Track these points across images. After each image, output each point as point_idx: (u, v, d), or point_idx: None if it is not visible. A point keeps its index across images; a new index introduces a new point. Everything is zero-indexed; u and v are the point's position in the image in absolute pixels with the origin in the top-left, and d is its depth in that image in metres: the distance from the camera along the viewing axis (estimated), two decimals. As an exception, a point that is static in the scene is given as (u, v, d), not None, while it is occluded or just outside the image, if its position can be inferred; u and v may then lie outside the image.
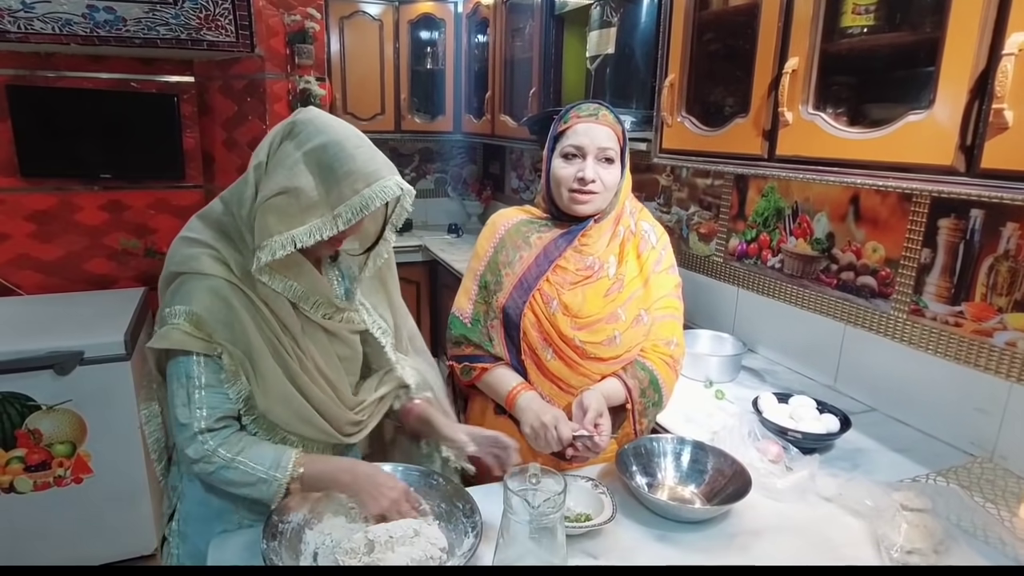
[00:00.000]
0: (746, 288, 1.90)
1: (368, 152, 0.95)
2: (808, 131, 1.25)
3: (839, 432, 1.32)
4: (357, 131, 0.98)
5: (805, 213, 1.70)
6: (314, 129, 0.95)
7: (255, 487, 0.95)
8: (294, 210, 0.92)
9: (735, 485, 1.10)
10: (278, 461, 0.96)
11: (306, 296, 1.02)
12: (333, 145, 0.93)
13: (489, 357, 1.23)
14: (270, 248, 0.91)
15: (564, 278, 1.19)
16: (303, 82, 2.43)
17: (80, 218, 2.60)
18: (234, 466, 0.95)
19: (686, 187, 2.12)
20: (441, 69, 3.24)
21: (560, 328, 1.17)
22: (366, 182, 0.93)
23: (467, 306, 1.26)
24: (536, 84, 2.33)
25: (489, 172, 3.85)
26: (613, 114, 1.19)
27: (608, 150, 1.16)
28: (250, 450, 0.97)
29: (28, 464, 1.99)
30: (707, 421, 1.44)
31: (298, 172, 0.92)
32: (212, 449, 0.95)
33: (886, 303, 1.50)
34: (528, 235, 1.23)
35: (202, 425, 0.95)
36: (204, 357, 0.96)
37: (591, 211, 1.18)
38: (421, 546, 0.92)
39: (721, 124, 1.48)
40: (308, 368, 1.02)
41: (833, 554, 1.01)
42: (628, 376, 1.20)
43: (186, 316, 0.95)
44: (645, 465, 1.19)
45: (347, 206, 0.93)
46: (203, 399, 0.96)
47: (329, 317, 1.06)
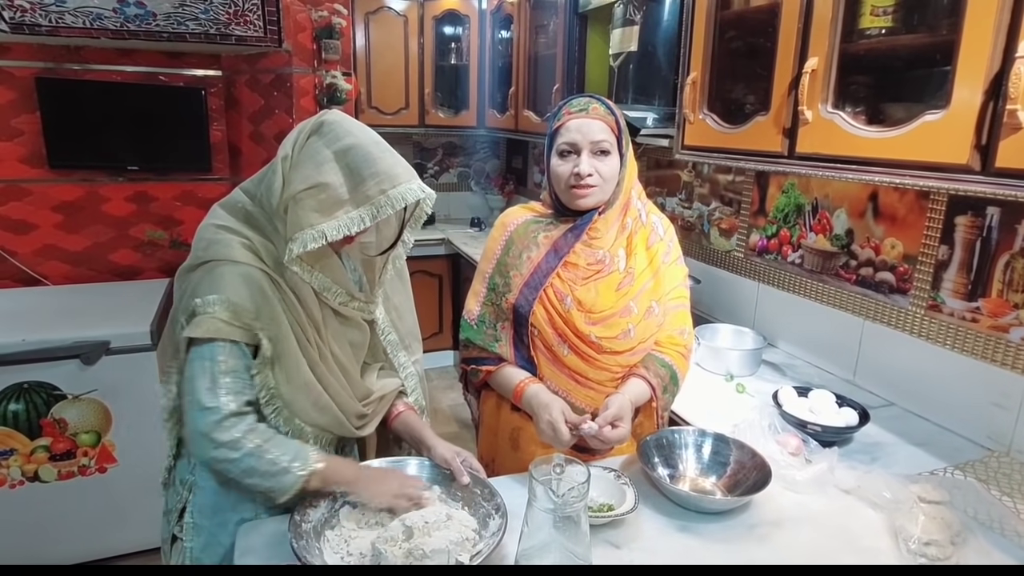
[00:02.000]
0: (766, 283, 1.95)
1: (392, 157, 1.03)
2: (827, 129, 1.30)
3: (858, 426, 1.36)
4: (380, 138, 1.05)
5: (825, 209, 1.75)
6: (342, 130, 1.01)
7: (275, 478, 0.96)
8: (324, 205, 0.97)
9: (755, 477, 1.13)
10: (300, 454, 0.99)
11: (329, 286, 1.08)
12: (361, 148, 0.99)
13: (493, 359, 1.26)
14: (302, 240, 0.96)
15: (576, 274, 1.22)
16: (329, 77, 2.49)
17: (107, 209, 2.67)
18: (259, 454, 0.96)
19: (707, 183, 2.18)
20: (465, 64, 3.31)
21: (575, 324, 1.20)
22: (392, 183, 1.00)
23: (475, 308, 1.29)
24: (559, 80, 2.39)
25: (512, 167, 3.90)
26: (605, 106, 1.21)
27: (602, 142, 1.18)
28: (276, 440, 0.99)
29: (53, 453, 2.03)
30: (728, 414, 1.48)
31: (327, 169, 0.98)
32: (243, 432, 0.96)
33: (904, 299, 1.55)
34: (535, 234, 1.26)
35: (232, 408, 0.96)
36: (230, 343, 0.98)
37: (593, 203, 1.21)
38: (456, 528, 0.96)
39: (742, 121, 1.54)
40: (327, 357, 1.08)
41: (851, 545, 1.04)
42: (651, 375, 1.23)
43: (222, 304, 0.97)
44: (667, 456, 1.22)
45: (373, 204, 0.99)
46: (229, 384, 0.97)
47: (344, 304, 1.12)
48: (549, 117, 1.31)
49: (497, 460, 1.33)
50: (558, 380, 1.23)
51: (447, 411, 3.33)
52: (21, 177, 2.52)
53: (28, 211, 2.56)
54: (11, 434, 1.99)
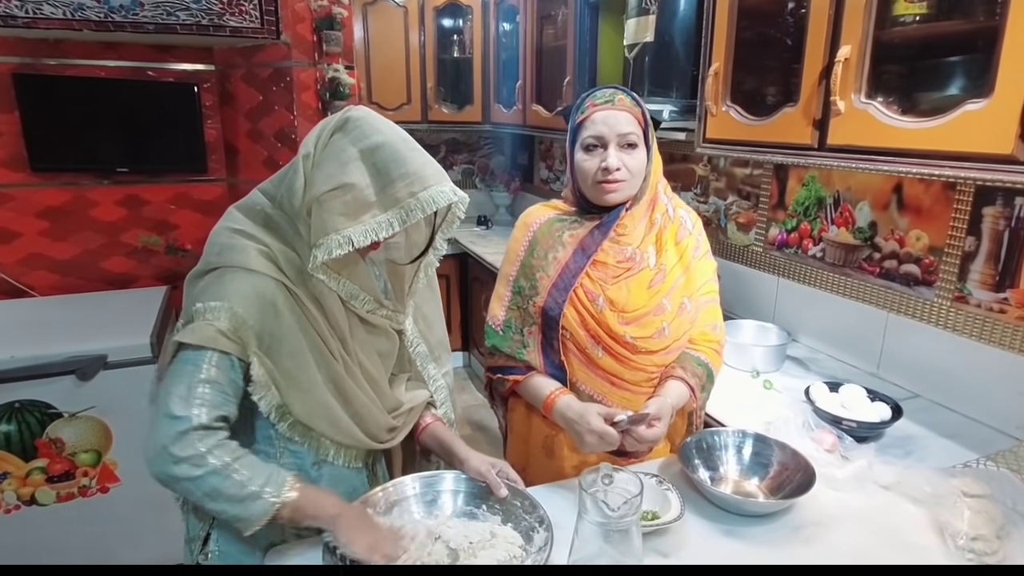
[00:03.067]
0: (786, 277, 1.95)
1: (422, 157, 0.97)
2: (861, 120, 1.29)
3: (891, 420, 1.37)
4: (409, 136, 0.99)
5: (847, 202, 1.75)
6: (369, 127, 0.95)
7: (243, 503, 0.88)
8: (350, 208, 0.92)
9: (798, 478, 1.13)
10: (273, 478, 0.91)
11: (356, 293, 1.03)
12: (389, 146, 0.94)
13: (521, 368, 1.23)
14: (327, 246, 0.91)
15: (606, 272, 1.19)
16: (331, 71, 2.42)
17: (96, 214, 2.56)
18: (225, 473, 0.88)
19: (724, 177, 2.18)
20: (468, 57, 3.26)
21: (609, 325, 1.17)
22: (422, 185, 0.94)
23: (500, 313, 1.26)
24: (571, 73, 2.37)
25: (517, 163, 3.87)
26: (631, 97, 1.18)
27: (629, 135, 1.15)
28: (247, 460, 0.91)
29: (50, 475, 1.94)
30: (759, 412, 1.48)
31: (353, 169, 0.92)
32: (206, 450, 0.88)
33: (930, 290, 1.56)
34: (560, 233, 1.23)
35: (202, 420, 0.88)
36: (220, 354, 0.91)
37: (621, 199, 1.18)
38: (502, 547, 0.94)
39: (768, 113, 1.53)
40: (353, 371, 1.03)
41: (898, 543, 1.04)
42: (688, 375, 1.21)
43: (225, 313, 0.92)
44: (707, 458, 1.21)
45: (402, 208, 0.93)
46: (205, 395, 0.90)
47: (372, 312, 1.07)
48: (564, 111, 1.29)
49: (530, 468, 1.31)
50: (593, 383, 1.21)
51: (460, 414, 3.30)
52: (1, 182, 2.41)
53: (10, 218, 2.44)
54: (4, 456, 1.91)
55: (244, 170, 2.72)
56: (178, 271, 2.69)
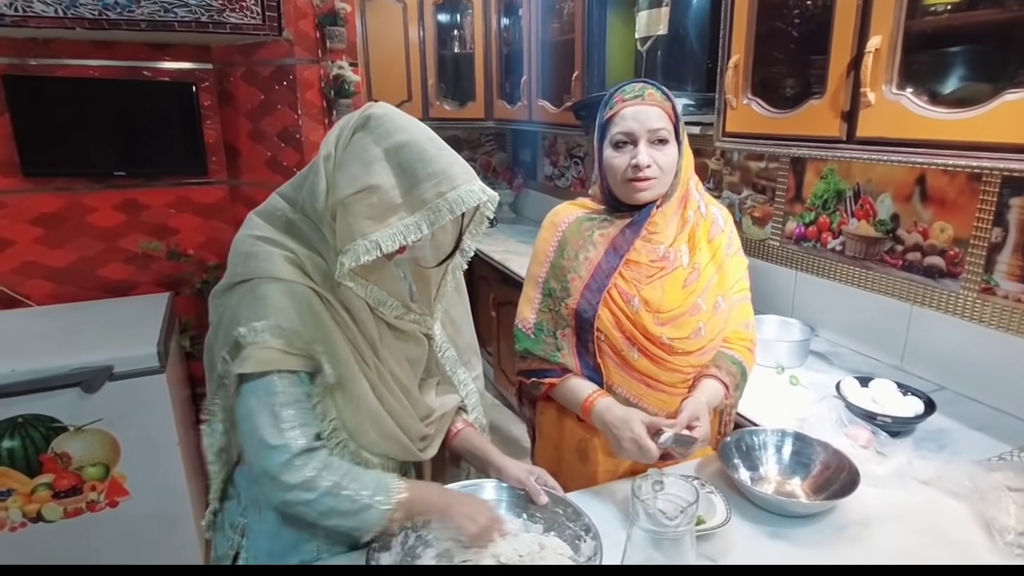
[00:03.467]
0: (804, 271, 1.94)
1: (450, 156, 0.93)
2: (893, 112, 1.28)
3: (925, 414, 1.36)
4: (435, 135, 0.95)
5: (867, 194, 1.74)
6: (393, 126, 0.90)
7: (358, 515, 0.89)
8: (376, 211, 0.87)
9: (842, 477, 1.11)
10: (382, 486, 0.91)
11: (385, 299, 1.00)
12: (414, 145, 0.89)
13: (557, 370, 1.20)
14: (354, 252, 0.87)
15: (639, 272, 1.16)
16: (336, 68, 2.36)
17: (93, 220, 2.46)
18: (337, 492, 0.88)
19: (738, 171, 2.15)
20: (469, 53, 3.22)
21: (645, 326, 1.15)
22: (450, 185, 0.89)
23: (530, 316, 1.23)
24: (579, 68, 2.33)
25: (520, 160, 3.81)
26: (661, 91, 1.15)
27: (660, 131, 1.12)
28: (353, 473, 0.91)
29: (57, 490, 1.88)
30: (788, 408, 1.46)
31: (377, 169, 0.88)
32: (317, 471, 0.88)
33: (955, 282, 1.55)
34: (590, 233, 1.20)
35: (301, 444, 0.88)
36: (288, 373, 0.89)
37: (652, 197, 1.15)
38: (552, 559, 0.92)
39: (792, 106, 1.51)
40: (386, 379, 1.00)
41: (944, 541, 1.03)
42: (723, 374, 1.20)
43: (272, 331, 0.88)
44: (746, 458, 1.19)
45: (430, 209, 0.89)
46: (293, 417, 0.88)
47: (400, 317, 1.04)
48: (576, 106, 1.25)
49: (562, 473, 1.26)
50: (628, 386, 1.19)
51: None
52: (-9, 188, 2.31)
53: (2, 226, 2.33)
54: (7, 473, 1.83)
55: (246, 172, 2.65)
56: (180, 276, 2.63)
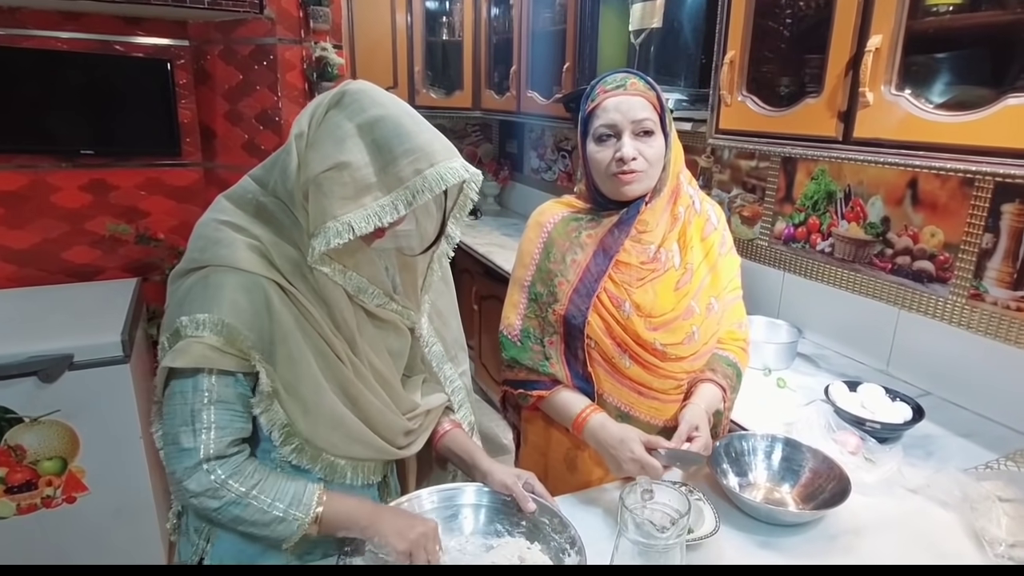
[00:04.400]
0: (793, 272, 1.91)
1: (429, 131, 0.87)
2: (891, 113, 1.24)
3: (913, 420, 1.33)
4: (414, 110, 0.89)
5: (858, 196, 1.71)
6: (368, 100, 0.84)
7: (269, 527, 0.84)
8: (349, 191, 0.82)
9: (832, 487, 1.08)
10: (299, 497, 0.85)
11: (365, 287, 0.94)
12: (390, 120, 0.83)
13: (546, 381, 1.14)
14: (325, 235, 0.81)
15: (630, 275, 1.11)
16: (319, 49, 2.26)
17: (57, 200, 2.34)
18: (247, 502, 0.83)
19: (728, 169, 2.11)
20: (458, 41, 3.12)
21: (636, 331, 1.09)
22: (429, 162, 0.83)
23: (516, 322, 1.16)
24: (571, 59, 2.27)
25: (506, 151, 3.74)
26: (644, 80, 1.09)
27: (644, 121, 1.06)
28: (267, 483, 0.85)
29: (10, 485, 1.77)
30: (776, 412, 1.43)
31: (350, 146, 0.82)
32: (221, 480, 0.82)
33: (944, 288, 1.52)
34: (577, 234, 1.14)
35: (210, 451, 0.82)
36: (218, 373, 0.83)
37: (639, 191, 1.09)
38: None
39: (788, 104, 1.47)
40: (363, 373, 0.93)
41: (936, 552, 1.01)
42: (719, 376, 1.16)
43: (213, 327, 0.81)
44: (736, 464, 1.16)
45: (408, 188, 0.83)
46: (212, 419, 0.82)
47: (382, 306, 0.98)
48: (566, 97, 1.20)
49: (548, 482, 1.19)
50: (619, 394, 1.14)
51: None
52: (-52, 164, 2.18)
53: None
54: None
55: (222, 154, 2.54)
56: (149, 262, 2.51)
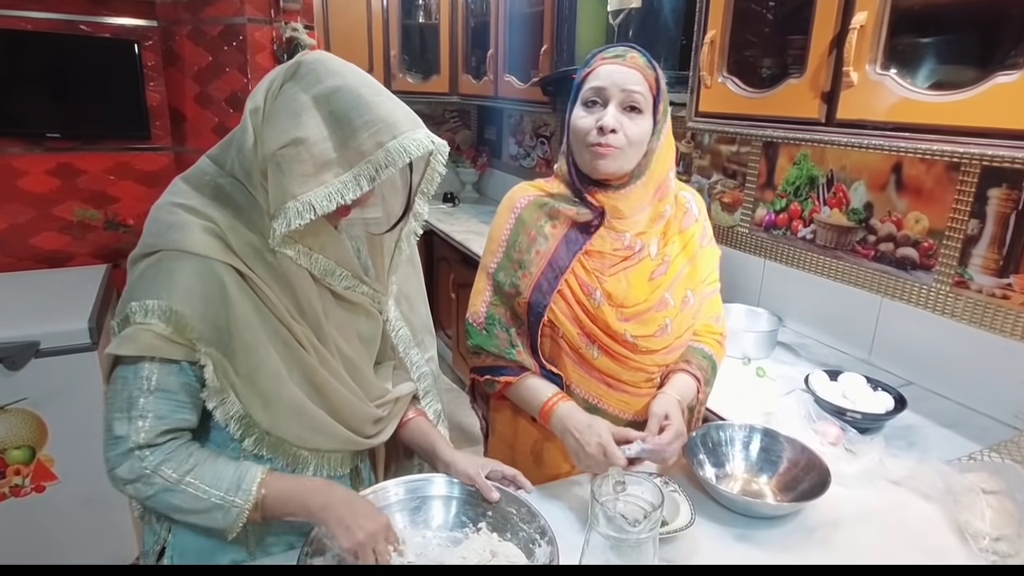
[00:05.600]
0: (774, 259, 1.84)
1: (391, 101, 0.80)
2: (876, 93, 1.17)
3: (895, 411, 1.28)
4: (374, 80, 0.83)
5: (841, 182, 1.64)
6: (324, 70, 0.78)
7: (208, 515, 0.78)
8: (308, 167, 0.76)
9: (811, 477, 1.03)
10: (239, 482, 0.79)
11: (332, 269, 0.87)
12: (348, 91, 0.77)
13: (513, 368, 1.08)
14: (285, 217, 0.76)
15: (602, 263, 1.04)
16: (289, 30, 2.16)
17: (24, 185, 2.26)
18: (180, 488, 0.77)
19: (708, 154, 2.03)
20: (435, 24, 3.01)
21: (606, 321, 1.03)
22: (391, 134, 0.77)
23: (480, 309, 1.10)
24: (548, 41, 2.17)
25: (485, 137, 3.64)
26: (645, 57, 1.01)
27: (634, 94, 0.98)
28: (204, 468, 0.79)
29: None
30: (755, 402, 1.38)
31: (306, 119, 0.76)
32: (153, 466, 0.77)
33: (928, 275, 1.46)
34: (544, 222, 1.07)
35: (140, 438, 0.76)
36: (161, 362, 0.78)
37: (613, 168, 1.00)
38: None
39: (770, 85, 1.39)
40: (329, 361, 0.87)
41: (918, 545, 0.96)
42: (694, 368, 1.10)
43: (162, 315, 0.76)
44: (713, 454, 1.10)
45: (369, 163, 0.77)
46: (148, 406, 0.77)
47: (351, 288, 0.91)
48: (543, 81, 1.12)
49: None
50: (588, 385, 1.08)
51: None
52: (-91, 147, 2.09)
53: None
54: None
55: (192, 138, 2.44)
56: (119, 247, 2.43)
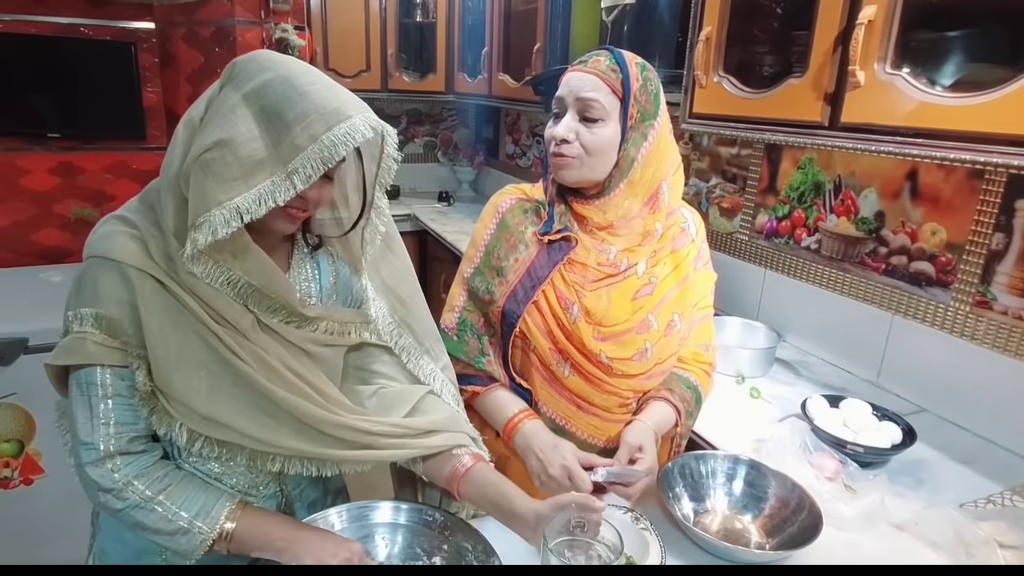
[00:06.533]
0: (774, 270, 1.69)
1: (325, 89, 0.72)
2: (885, 94, 1.03)
3: (903, 445, 1.14)
4: (312, 67, 0.75)
5: (850, 188, 1.48)
6: (256, 67, 0.72)
7: (172, 537, 0.75)
8: (235, 170, 0.68)
9: (801, 519, 0.92)
10: (208, 509, 0.76)
11: (256, 296, 0.76)
12: (279, 82, 0.70)
13: (482, 377, 1.01)
14: (209, 225, 0.67)
15: (584, 276, 0.96)
16: (279, 31, 2.13)
17: (27, 183, 2.28)
18: (151, 507, 0.74)
19: (707, 156, 1.89)
20: (432, 22, 2.91)
21: (581, 339, 0.95)
22: (326, 124, 0.69)
23: (454, 313, 1.04)
24: (541, 39, 2.05)
25: (482, 136, 3.55)
26: (614, 59, 0.91)
27: (589, 103, 0.89)
28: (176, 489, 0.76)
29: None
30: (747, 427, 1.25)
31: (234, 119, 0.69)
32: (127, 480, 0.74)
33: (945, 292, 1.31)
34: (524, 228, 1.00)
35: (111, 446, 0.73)
36: (106, 367, 0.75)
37: (575, 177, 0.93)
38: None
39: (769, 85, 1.25)
40: (270, 363, 0.76)
41: None
42: (675, 398, 1.00)
43: (95, 322, 0.73)
44: (692, 487, 1.00)
45: (305, 158, 0.69)
46: (109, 412, 0.74)
47: (288, 323, 0.79)
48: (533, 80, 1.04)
49: None
50: (556, 405, 0.99)
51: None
52: (-82, 145, 2.14)
53: None
54: None
55: (187, 138, 2.40)
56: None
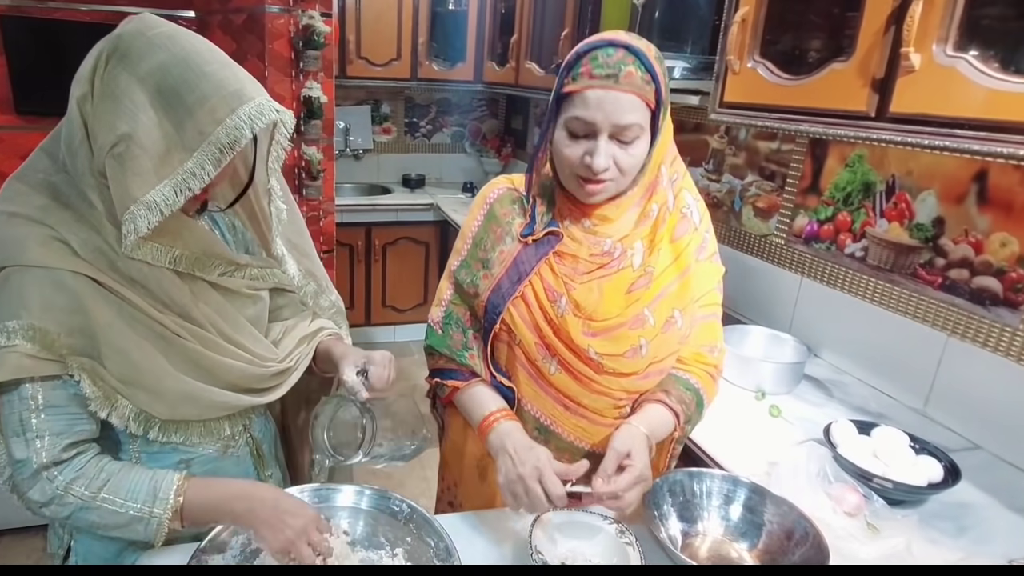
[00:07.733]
0: (812, 278, 1.51)
1: (224, 69, 0.70)
2: (944, 80, 0.87)
3: (942, 485, 0.97)
4: (207, 43, 0.72)
5: (905, 190, 1.29)
6: (145, 43, 0.68)
7: (128, 528, 0.75)
8: (144, 163, 0.67)
9: (802, 553, 0.80)
10: (155, 492, 0.75)
11: (199, 262, 0.79)
12: (176, 64, 0.68)
13: (464, 372, 0.96)
14: (132, 223, 0.68)
15: (575, 267, 0.89)
16: (306, 17, 2.09)
17: None
18: (96, 505, 0.73)
19: (744, 151, 1.71)
20: (464, 10, 2.83)
21: (569, 334, 0.87)
22: (228, 107, 0.68)
23: (440, 309, 0.99)
24: (570, 25, 1.91)
25: (511, 127, 3.43)
26: (643, 67, 0.79)
27: (630, 128, 0.80)
28: (117, 480, 0.75)
29: None
30: (760, 447, 1.11)
31: (133, 108, 0.67)
32: (63, 486, 0.73)
33: (1013, 314, 1.11)
34: (511, 219, 0.93)
35: (43, 458, 0.72)
36: (40, 380, 0.73)
37: (605, 198, 0.88)
38: None
39: (809, 71, 1.09)
40: (210, 340, 0.80)
41: None
42: (673, 400, 0.89)
43: (25, 333, 0.70)
44: (683, 506, 0.89)
45: (211, 143, 0.68)
46: (43, 425, 0.73)
47: (228, 275, 0.83)
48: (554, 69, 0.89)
49: (461, 488, 1.06)
50: (541, 403, 0.93)
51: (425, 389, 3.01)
52: (-13, 123, 2.28)
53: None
54: None
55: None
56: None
